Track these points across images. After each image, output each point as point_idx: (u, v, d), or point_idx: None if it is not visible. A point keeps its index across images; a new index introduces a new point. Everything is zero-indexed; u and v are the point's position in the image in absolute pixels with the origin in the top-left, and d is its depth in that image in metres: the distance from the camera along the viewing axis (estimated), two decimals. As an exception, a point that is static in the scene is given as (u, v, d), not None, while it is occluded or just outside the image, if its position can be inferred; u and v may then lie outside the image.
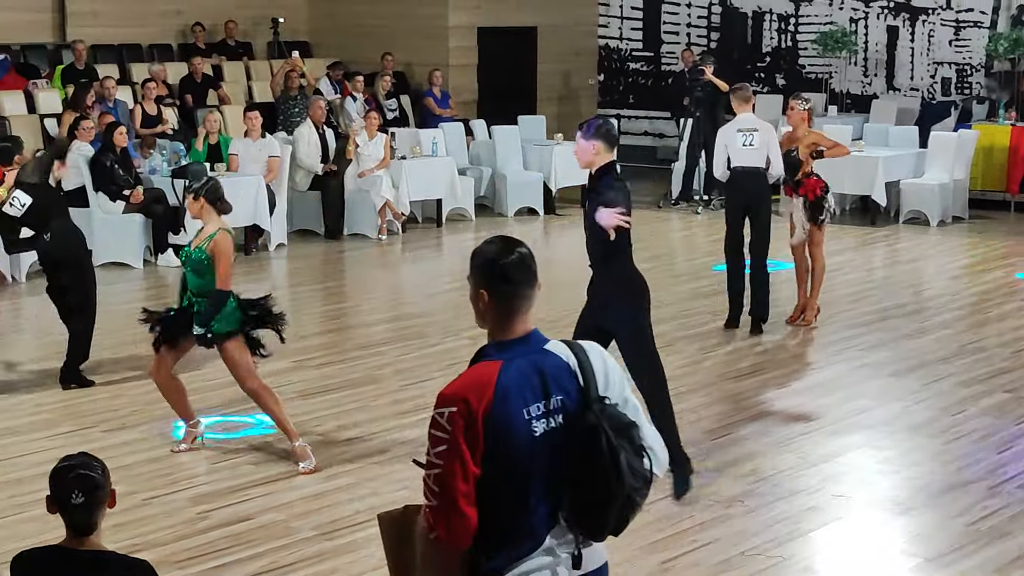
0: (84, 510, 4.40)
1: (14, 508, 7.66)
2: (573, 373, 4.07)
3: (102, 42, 19.62)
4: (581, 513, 4.04)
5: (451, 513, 3.90)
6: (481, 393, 3.96)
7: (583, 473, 4.00)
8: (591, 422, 4.00)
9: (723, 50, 21.98)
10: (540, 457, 3.98)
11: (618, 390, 4.13)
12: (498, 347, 4.13)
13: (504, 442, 3.93)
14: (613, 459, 3.96)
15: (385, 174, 16.70)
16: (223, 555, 7.03)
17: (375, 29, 21.33)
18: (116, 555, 4.50)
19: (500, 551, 3.98)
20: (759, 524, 7.49)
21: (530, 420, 3.97)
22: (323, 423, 9.28)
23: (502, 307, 4.15)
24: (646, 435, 4.11)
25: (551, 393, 4.02)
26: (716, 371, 10.71)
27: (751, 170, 11.85)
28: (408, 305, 13.46)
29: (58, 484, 4.42)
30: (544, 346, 4.10)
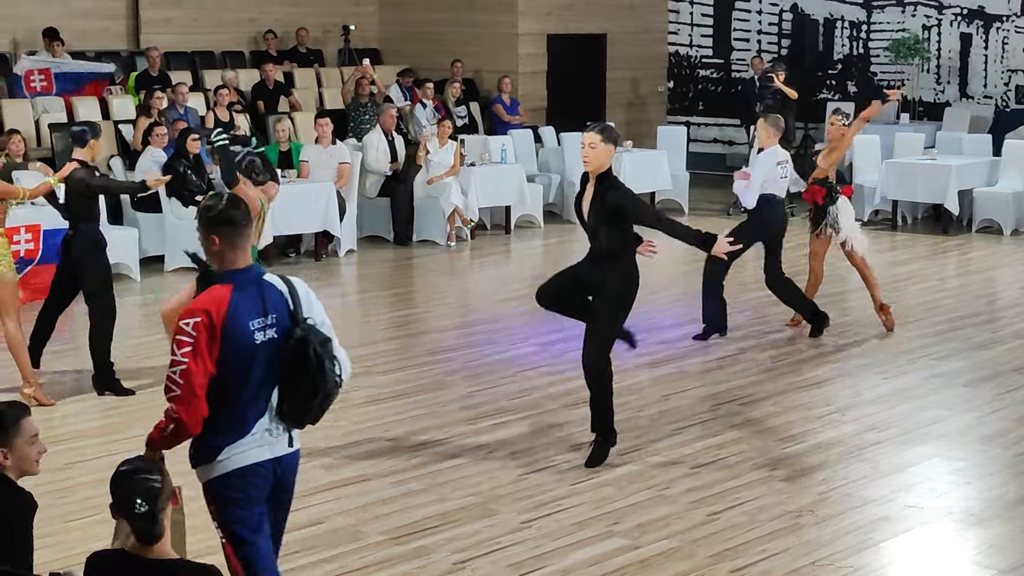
0: (149, 519, 4.42)
1: (88, 510, 7.73)
2: (285, 298, 5.26)
3: (175, 49, 19.82)
4: (291, 406, 5.28)
5: (191, 401, 5.03)
6: (218, 307, 5.06)
7: (294, 374, 5.23)
8: (300, 335, 5.21)
9: (794, 57, 21.86)
10: (260, 361, 5.15)
11: (318, 314, 5.36)
12: (227, 275, 5.19)
13: (234, 347, 5.06)
14: (319, 364, 5.21)
15: (454, 181, 16.74)
16: (293, 559, 7.06)
17: (445, 36, 21.41)
18: (184, 562, 4.51)
19: (227, 433, 5.17)
20: (830, 534, 7.44)
21: (254, 331, 5.12)
22: (392, 428, 9.31)
23: (228, 245, 5.19)
24: (337, 348, 5.34)
25: (269, 311, 5.19)
26: (786, 380, 10.65)
27: (781, 200, 11.95)
28: (477, 311, 13.48)
29: (118, 492, 4.46)
30: (262, 276, 5.26)
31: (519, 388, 10.39)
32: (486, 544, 7.27)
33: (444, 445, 8.97)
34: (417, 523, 7.58)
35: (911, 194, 18.08)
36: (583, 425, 9.36)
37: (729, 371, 10.92)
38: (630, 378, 10.55)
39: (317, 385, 5.24)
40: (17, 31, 18.73)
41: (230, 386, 5.12)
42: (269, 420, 5.27)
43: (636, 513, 7.73)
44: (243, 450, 5.21)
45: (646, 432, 9.26)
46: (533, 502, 7.90)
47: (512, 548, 7.22)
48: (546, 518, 7.65)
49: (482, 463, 8.59)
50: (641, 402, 9.97)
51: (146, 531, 4.44)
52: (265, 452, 5.28)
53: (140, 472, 4.47)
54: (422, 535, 7.40)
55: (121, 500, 4.43)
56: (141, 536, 4.44)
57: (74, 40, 18.71)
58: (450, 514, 7.72)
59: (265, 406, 5.25)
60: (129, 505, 4.41)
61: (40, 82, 17.39)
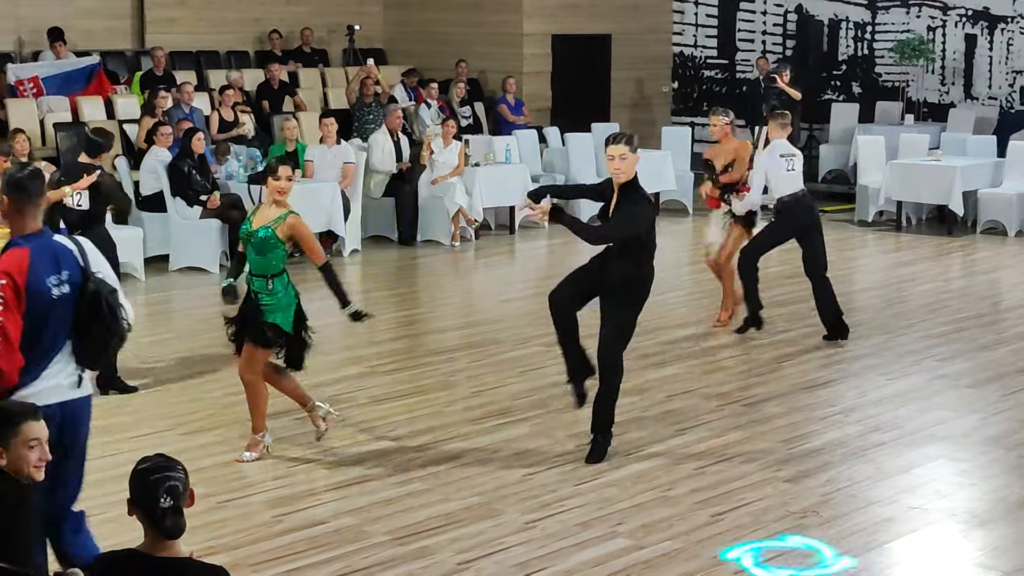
0: (174, 515, 4.40)
1: (95, 509, 7.70)
2: (75, 256, 5.87)
3: (180, 49, 19.83)
4: (87, 350, 5.90)
5: (10, 354, 5.57)
6: (20, 268, 5.65)
7: (89, 322, 5.84)
8: (93, 288, 5.86)
9: (798, 58, 21.85)
10: (56, 314, 5.77)
11: (105, 269, 5.97)
12: (24, 238, 5.78)
13: (36, 302, 5.66)
14: (112, 312, 5.88)
15: (459, 181, 16.75)
16: (297, 559, 7.07)
17: (449, 37, 21.42)
18: (193, 562, 4.48)
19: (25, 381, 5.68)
20: (834, 535, 7.43)
21: (51, 287, 5.72)
22: (395, 428, 9.31)
23: (15, 209, 5.79)
24: (122, 298, 6.01)
25: (62, 268, 5.80)
26: (791, 381, 10.65)
27: (799, 196, 11.86)
28: (481, 312, 13.49)
29: (141, 488, 4.42)
30: (54, 238, 5.87)
31: (523, 388, 10.39)
32: (490, 544, 7.27)
33: (448, 445, 8.98)
34: (421, 523, 7.58)
35: (915, 195, 18.07)
36: (587, 425, 9.36)
37: (734, 372, 10.92)
38: (635, 378, 10.54)
39: (111, 331, 5.92)
40: (21, 30, 18.74)
41: (30, 337, 5.69)
42: (63, 366, 5.84)
43: (640, 514, 7.73)
44: (33, 393, 5.67)
45: (651, 432, 9.25)
46: (537, 502, 7.91)
47: (516, 548, 7.23)
48: (550, 518, 7.65)
49: (486, 463, 8.59)
50: (646, 402, 9.97)
51: (173, 525, 4.43)
52: (53, 396, 5.77)
53: (162, 468, 4.46)
54: (426, 535, 7.41)
55: (144, 495, 4.40)
56: (166, 531, 4.42)
57: (79, 40, 18.73)
58: (454, 514, 7.73)
59: (57, 354, 5.83)
60: (153, 500, 4.38)
61: (31, 90, 17.38)
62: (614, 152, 8.30)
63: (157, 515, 4.39)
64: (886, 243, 17.48)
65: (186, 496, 4.46)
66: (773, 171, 11.74)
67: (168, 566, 4.42)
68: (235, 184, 15.50)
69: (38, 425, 5.06)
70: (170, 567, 4.43)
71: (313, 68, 20.80)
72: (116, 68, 19.12)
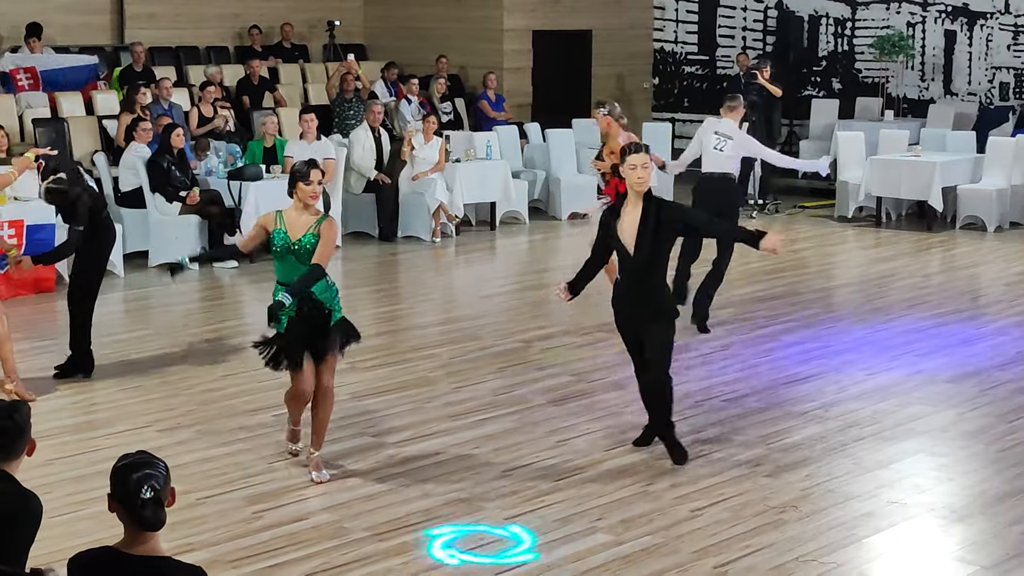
0: (154, 507, 4.35)
1: (72, 506, 7.72)
2: None
3: (159, 44, 19.78)
4: None
5: None
6: None
7: None
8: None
9: (779, 54, 21.88)
10: None
11: None
12: None
13: None
14: None
15: (439, 177, 16.74)
16: (277, 555, 7.05)
17: (430, 32, 21.40)
18: (170, 560, 4.43)
19: None
20: (813, 530, 7.45)
21: None
22: (376, 424, 9.30)
23: None
24: None
25: None
26: (771, 376, 10.66)
27: (719, 176, 11.96)
28: (461, 308, 13.48)
29: (122, 482, 4.37)
30: None
31: (504, 384, 10.39)
32: (471, 540, 7.27)
33: (428, 441, 8.97)
34: (401, 519, 7.57)
35: (895, 191, 18.11)
36: (569, 420, 9.39)
37: (713, 367, 10.93)
38: (614, 374, 10.56)
39: None
40: (0, 26, 18.66)
41: None
42: None
43: (620, 509, 7.73)
44: None
45: (630, 428, 9.25)
46: (517, 498, 7.90)
47: (496, 543, 7.22)
48: (530, 514, 7.65)
49: (466, 459, 8.58)
50: (626, 398, 9.96)
51: (153, 516, 4.35)
52: None
53: (144, 464, 4.41)
54: (406, 531, 7.40)
55: (124, 489, 4.34)
56: (146, 522, 4.35)
57: (57, 35, 18.67)
58: (433, 510, 7.72)
59: None
60: (135, 492, 4.33)
61: (27, 80, 17.33)
62: (636, 161, 8.14)
63: (137, 506, 4.33)
64: (866, 239, 17.51)
65: (167, 492, 4.43)
66: (705, 144, 11.89)
67: (144, 564, 4.36)
68: (214, 180, 15.46)
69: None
70: (146, 565, 4.37)
71: (293, 64, 20.76)
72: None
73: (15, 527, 4.82)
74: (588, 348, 11.48)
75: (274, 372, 8.30)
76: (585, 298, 9.38)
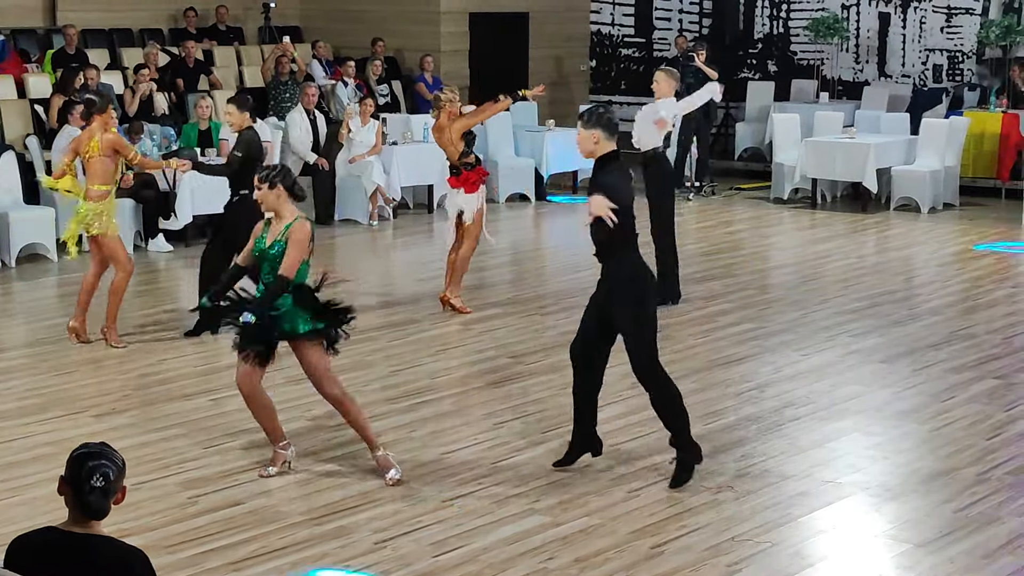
0: (101, 495, 4.40)
1: (6, 492, 7.65)
2: None
3: (93, 27, 19.57)
4: None
5: None
6: None
7: None
8: None
9: (715, 37, 21.95)
10: None
11: None
12: None
13: None
14: None
15: (376, 160, 16.69)
16: (213, 540, 7.03)
17: (366, 14, 21.30)
18: (112, 540, 4.48)
19: None
20: (749, 510, 7.50)
21: None
22: (312, 408, 9.26)
23: None
24: None
25: None
26: (707, 357, 10.72)
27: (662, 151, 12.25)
28: (399, 291, 13.45)
29: (77, 468, 4.43)
30: None
31: (441, 367, 10.39)
32: (407, 523, 7.27)
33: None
34: (338, 503, 7.56)
35: (830, 172, 18.23)
36: (506, 403, 9.41)
37: (650, 349, 10.94)
38: (549, 356, 10.57)
39: None
40: (-71, 7, 18.43)
41: None
42: None
43: (556, 491, 7.75)
44: None
45: (567, 410, 9.26)
46: (454, 481, 7.91)
47: (433, 527, 7.23)
48: (467, 496, 7.66)
49: (404, 443, 8.58)
50: (562, 381, 9.97)
51: (96, 503, 4.40)
52: None
53: (101, 454, 4.47)
54: (343, 515, 7.39)
55: (78, 473, 4.41)
56: (90, 508, 4.41)
57: (-11, 17, 18.44)
58: (371, 493, 7.71)
59: None
60: (86, 478, 4.39)
61: None
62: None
63: (84, 491, 4.39)
64: (801, 220, 17.62)
65: (117, 487, 4.46)
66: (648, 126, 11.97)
67: (85, 541, 4.41)
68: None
69: None
70: (87, 542, 4.42)
71: (229, 46, 20.61)
72: (27, 46, 18.85)
73: None
74: (525, 331, 11.49)
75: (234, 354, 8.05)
76: (524, 279, 9.39)
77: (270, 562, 6.78)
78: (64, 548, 4.42)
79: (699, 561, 6.82)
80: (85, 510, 4.42)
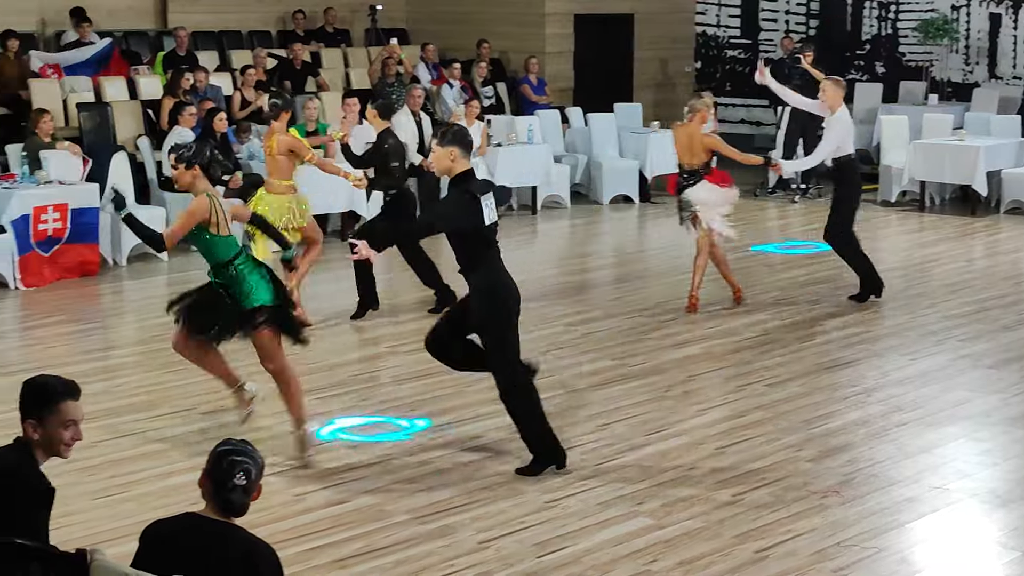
0: (242, 492, 4.59)
1: (115, 488, 7.78)
2: None
3: (202, 28, 19.84)
4: None
5: None
6: None
7: None
8: None
9: (822, 38, 21.75)
10: None
11: None
12: None
13: None
14: None
15: (481, 161, 16.74)
16: (318, 537, 7.09)
17: (472, 16, 21.37)
18: (244, 531, 4.65)
19: None
20: (855, 515, 7.43)
21: None
22: (417, 408, 9.32)
23: None
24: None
25: None
26: (813, 360, 10.63)
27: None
28: (503, 292, 13.43)
29: (220, 464, 4.60)
30: None
31: (545, 368, 10.36)
32: (511, 523, 7.29)
33: (470, 424, 8.98)
34: (442, 502, 7.59)
35: (939, 175, 18.00)
36: (609, 405, 9.39)
37: (756, 351, 10.89)
38: (655, 358, 10.55)
39: None
40: (45, 11, 18.76)
41: None
42: None
43: (661, 493, 7.73)
44: None
45: (671, 412, 9.26)
46: (559, 481, 7.91)
47: (537, 527, 7.24)
48: (571, 497, 7.66)
49: (507, 443, 8.58)
50: (667, 382, 9.96)
51: (237, 501, 4.60)
52: None
53: (243, 452, 4.66)
54: (447, 514, 7.42)
55: (220, 469, 4.59)
56: (231, 504, 4.60)
57: (102, 20, 18.73)
58: (475, 493, 7.74)
59: None
60: (228, 475, 4.57)
61: (53, 76, 17.44)
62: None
63: (227, 487, 4.57)
64: (909, 223, 17.41)
65: (255, 486, 4.65)
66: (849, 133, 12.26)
67: (218, 528, 4.59)
68: (256, 164, 15.49)
69: (75, 405, 4.94)
70: (219, 530, 4.58)
71: (335, 48, 20.79)
72: (138, 48, 19.14)
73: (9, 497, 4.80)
74: (629, 332, 11.46)
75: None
76: (628, 282, 9.39)
77: (374, 560, 6.83)
78: (199, 534, 4.58)
79: (804, 566, 6.76)
80: (226, 506, 4.61)
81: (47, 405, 4.89)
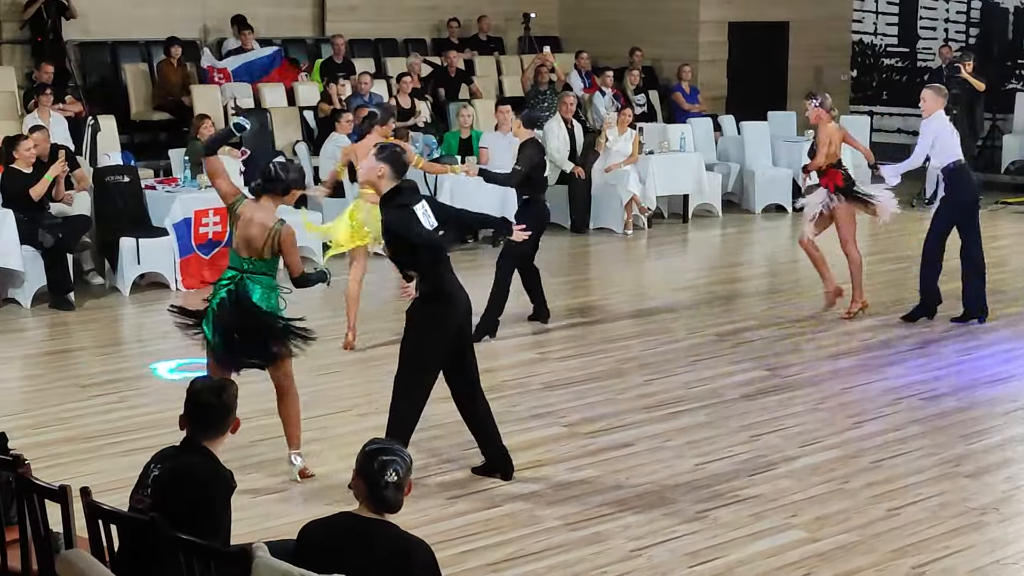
0: (395, 489, 4.71)
1: (270, 488, 7.91)
2: None
3: (359, 37, 20.11)
4: None
5: None
6: None
7: None
8: None
9: (982, 47, 21.34)
10: None
11: None
12: None
13: None
14: None
15: (632, 169, 16.72)
16: (471, 540, 7.14)
17: (625, 24, 21.35)
18: (398, 529, 4.75)
19: None
20: (1014, 533, 7.29)
21: None
22: (568, 415, 9.33)
23: None
24: None
25: None
26: (971, 375, 10.43)
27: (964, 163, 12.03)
28: (653, 300, 13.42)
29: (370, 464, 4.73)
30: None
31: (696, 378, 10.34)
32: (662, 532, 7.27)
33: (620, 432, 8.97)
34: (593, 509, 7.60)
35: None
36: (762, 416, 9.32)
37: (911, 364, 10.73)
38: (809, 370, 10.46)
39: None
40: (208, 18, 19.16)
41: None
42: None
43: (815, 506, 7.65)
44: None
45: (826, 424, 9.16)
46: (710, 492, 7.87)
47: (688, 537, 7.21)
48: (723, 508, 7.62)
49: (658, 451, 8.57)
50: (821, 394, 9.86)
51: (391, 497, 4.72)
52: None
53: (392, 450, 4.79)
54: (598, 521, 7.42)
55: (370, 468, 4.71)
56: (385, 502, 4.72)
57: (262, 28, 19.09)
58: (626, 501, 7.73)
59: None
60: (379, 473, 4.70)
61: (220, 79, 17.84)
62: None
63: (380, 485, 4.69)
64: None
65: (406, 481, 4.77)
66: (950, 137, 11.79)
67: (373, 526, 4.70)
68: (411, 171, 15.63)
69: None
70: (375, 527, 4.70)
71: (489, 56, 20.92)
72: (297, 55, 19.45)
73: (208, 496, 5.14)
74: (782, 343, 11.36)
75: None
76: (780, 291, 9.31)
77: (527, 565, 6.86)
78: (354, 532, 4.71)
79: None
80: (381, 504, 4.73)
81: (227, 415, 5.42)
